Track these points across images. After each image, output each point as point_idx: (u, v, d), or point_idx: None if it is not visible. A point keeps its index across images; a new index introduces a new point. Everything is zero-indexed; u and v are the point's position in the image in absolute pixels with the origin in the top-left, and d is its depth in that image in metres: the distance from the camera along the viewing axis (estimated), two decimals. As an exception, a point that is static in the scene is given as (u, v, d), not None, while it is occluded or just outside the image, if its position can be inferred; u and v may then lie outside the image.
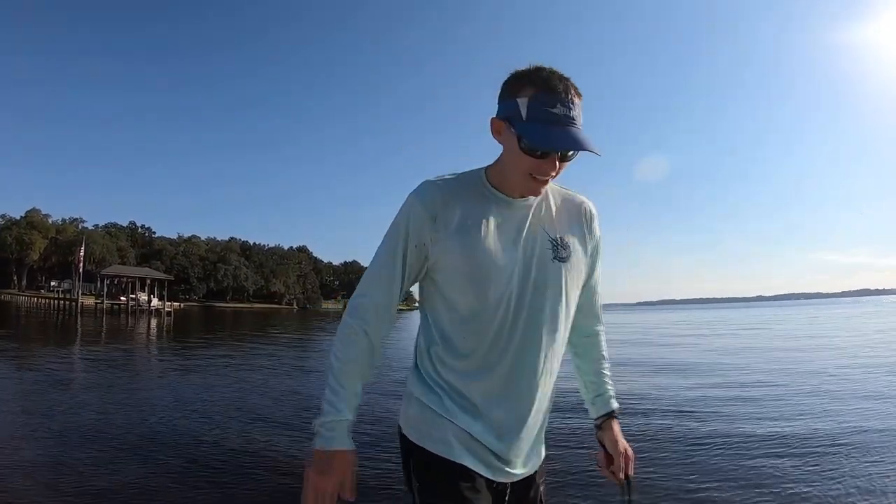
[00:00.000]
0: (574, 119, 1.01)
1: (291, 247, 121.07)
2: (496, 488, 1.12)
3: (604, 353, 1.34)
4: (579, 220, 1.21)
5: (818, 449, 4.65)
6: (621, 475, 1.21)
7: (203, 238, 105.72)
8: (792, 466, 4.20)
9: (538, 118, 1.01)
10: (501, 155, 1.12)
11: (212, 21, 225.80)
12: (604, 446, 1.26)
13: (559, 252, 1.14)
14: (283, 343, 18.56)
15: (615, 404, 1.30)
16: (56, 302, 49.59)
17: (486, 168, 1.17)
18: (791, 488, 3.73)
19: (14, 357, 11.67)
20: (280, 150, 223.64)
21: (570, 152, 1.04)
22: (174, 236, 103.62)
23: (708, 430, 5.39)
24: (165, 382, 9.02)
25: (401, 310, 1.20)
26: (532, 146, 1.02)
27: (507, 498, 1.13)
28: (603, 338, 1.35)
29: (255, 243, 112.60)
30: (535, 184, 1.07)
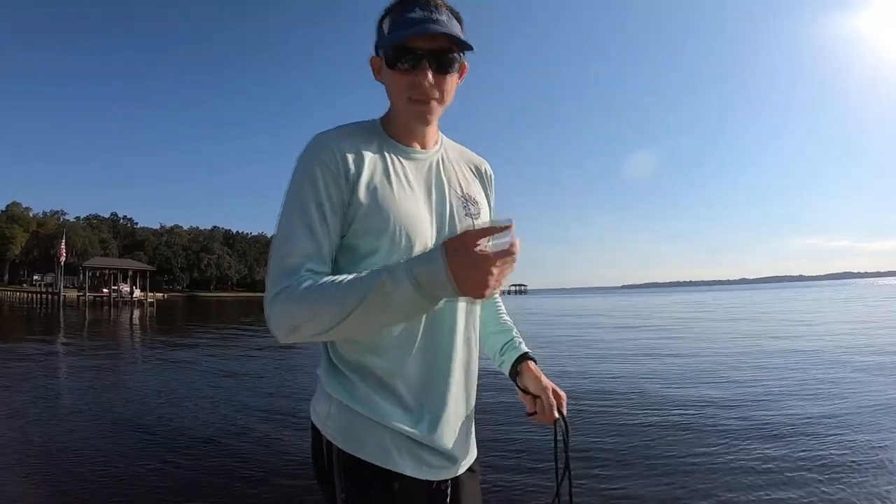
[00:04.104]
0: (437, 20, 0.95)
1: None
2: (437, 488, 1.02)
3: (501, 307, 1.29)
4: (481, 179, 1.17)
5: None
6: (555, 413, 1.10)
7: (186, 228, 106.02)
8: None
9: (398, 27, 0.95)
10: (388, 98, 1.05)
11: (191, 9, 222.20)
12: (528, 392, 1.14)
13: (470, 209, 1.08)
14: (262, 332, 19.08)
15: (525, 347, 1.21)
16: (39, 296, 50.24)
17: (380, 118, 1.08)
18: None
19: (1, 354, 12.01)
20: (261, 137, 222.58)
21: (449, 62, 0.97)
22: (156, 226, 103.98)
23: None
24: (135, 375, 9.06)
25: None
26: (390, 44, 0.95)
27: (448, 497, 1.04)
28: (499, 298, 1.29)
29: (238, 232, 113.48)
30: (418, 107, 0.99)
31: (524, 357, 1.19)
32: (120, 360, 11.52)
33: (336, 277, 0.87)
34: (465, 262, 0.78)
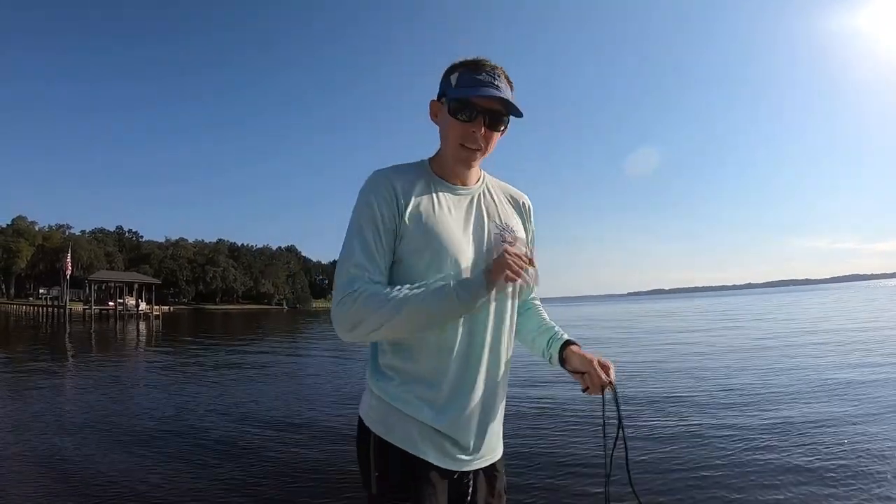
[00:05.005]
0: (498, 86, 1.14)
1: (280, 247, 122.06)
2: (459, 479, 1.18)
3: (544, 313, 1.42)
4: (520, 211, 1.34)
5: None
6: (603, 379, 1.17)
7: (191, 241, 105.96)
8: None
9: (465, 84, 1.14)
10: (440, 140, 1.23)
11: (191, 8, 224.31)
12: (577, 371, 1.23)
13: (505, 236, 1.23)
14: (268, 344, 19.11)
15: (568, 336, 1.32)
16: (45, 309, 50.25)
17: (429, 158, 1.27)
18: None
19: (7, 367, 11.94)
20: (261, 137, 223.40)
21: (500, 122, 1.16)
22: (162, 240, 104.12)
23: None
24: (142, 388, 9.09)
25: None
26: (455, 97, 1.14)
27: (470, 488, 1.20)
28: (542, 308, 1.44)
29: (243, 244, 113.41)
30: (465, 153, 1.17)
31: (568, 343, 1.30)
32: (127, 373, 11.42)
33: (389, 289, 1.09)
34: (497, 260, 1.09)
